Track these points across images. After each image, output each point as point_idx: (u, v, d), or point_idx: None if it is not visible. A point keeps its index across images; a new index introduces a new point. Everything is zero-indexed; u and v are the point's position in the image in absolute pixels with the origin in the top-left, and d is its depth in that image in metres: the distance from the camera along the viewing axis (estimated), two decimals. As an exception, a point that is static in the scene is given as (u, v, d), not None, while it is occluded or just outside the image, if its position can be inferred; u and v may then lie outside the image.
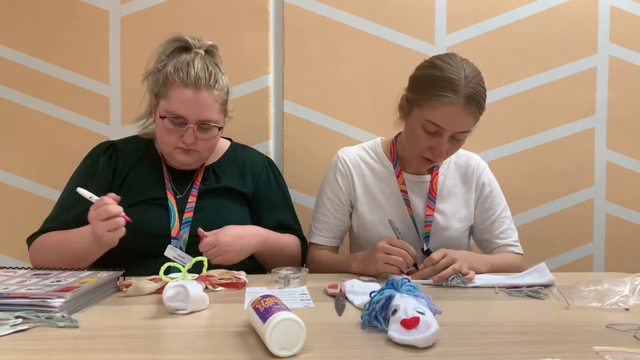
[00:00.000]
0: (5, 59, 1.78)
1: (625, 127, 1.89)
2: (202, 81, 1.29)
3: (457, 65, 1.25)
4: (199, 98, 1.29)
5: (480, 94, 1.25)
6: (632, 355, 0.75)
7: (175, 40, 1.36)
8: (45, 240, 1.29)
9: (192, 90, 1.28)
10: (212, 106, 1.31)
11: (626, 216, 1.91)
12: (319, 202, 1.49)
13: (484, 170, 1.48)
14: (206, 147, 1.35)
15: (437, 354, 0.76)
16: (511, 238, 1.45)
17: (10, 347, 0.79)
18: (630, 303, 0.98)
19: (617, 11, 1.87)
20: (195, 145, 1.31)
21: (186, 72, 1.28)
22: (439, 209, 1.42)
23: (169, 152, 1.35)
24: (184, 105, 1.28)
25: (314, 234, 1.47)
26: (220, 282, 1.12)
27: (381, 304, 0.86)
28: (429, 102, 1.25)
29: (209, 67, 1.32)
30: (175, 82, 1.28)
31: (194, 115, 1.29)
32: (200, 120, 1.30)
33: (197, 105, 1.29)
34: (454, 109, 1.23)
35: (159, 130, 1.33)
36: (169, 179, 1.39)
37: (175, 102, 1.28)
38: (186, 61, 1.31)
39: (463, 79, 1.23)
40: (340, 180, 1.45)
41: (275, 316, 0.75)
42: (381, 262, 1.20)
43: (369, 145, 1.51)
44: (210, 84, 1.30)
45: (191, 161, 1.35)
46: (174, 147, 1.32)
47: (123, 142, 1.46)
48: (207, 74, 1.30)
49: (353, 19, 1.83)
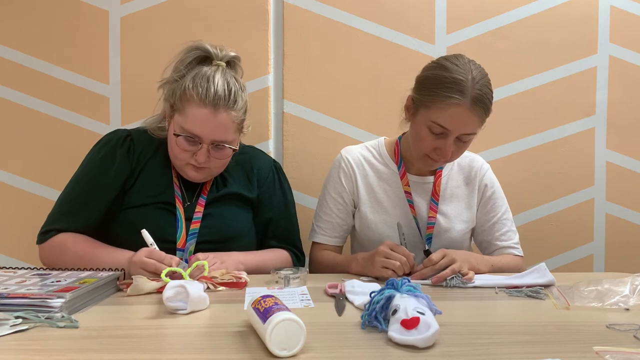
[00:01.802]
0: (5, 59, 1.78)
1: (625, 127, 1.89)
2: (222, 101, 1.23)
3: (465, 66, 1.24)
4: (216, 119, 1.24)
5: (487, 96, 1.24)
6: (632, 355, 0.74)
7: (195, 49, 1.30)
8: (67, 244, 1.26)
9: (209, 109, 1.23)
10: (228, 127, 1.26)
11: (626, 216, 1.91)
12: (322, 201, 1.49)
13: (487, 172, 1.48)
14: (218, 165, 1.31)
15: (437, 354, 0.76)
16: (512, 240, 1.45)
17: (10, 347, 0.79)
18: (630, 303, 0.98)
19: (617, 11, 1.87)
20: (207, 163, 1.28)
21: (205, 88, 1.23)
22: (442, 210, 1.42)
23: (180, 167, 1.31)
24: (200, 125, 1.23)
25: (316, 233, 1.47)
26: (220, 282, 1.12)
27: (381, 304, 0.86)
28: (435, 104, 1.24)
29: (230, 85, 1.26)
30: (194, 98, 1.23)
31: (209, 136, 1.24)
32: (216, 140, 1.26)
33: (214, 126, 1.24)
34: (460, 111, 1.22)
35: (172, 145, 1.29)
36: (178, 185, 1.35)
37: (192, 120, 1.23)
38: (206, 76, 1.25)
39: (470, 80, 1.22)
40: (344, 179, 1.45)
41: (275, 316, 0.75)
42: (379, 265, 1.20)
43: (373, 145, 1.50)
44: (230, 104, 1.25)
45: (201, 178, 1.32)
46: (185, 162, 1.28)
47: (136, 133, 1.39)
48: (226, 92, 1.24)
49: (353, 19, 1.83)
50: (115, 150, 1.33)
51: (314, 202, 1.72)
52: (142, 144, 1.36)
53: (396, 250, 1.21)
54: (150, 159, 1.36)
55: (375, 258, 1.21)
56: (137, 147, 1.35)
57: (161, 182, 1.34)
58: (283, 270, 1.19)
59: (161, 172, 1.35)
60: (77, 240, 1.27)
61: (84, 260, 1.21)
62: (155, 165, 1.36)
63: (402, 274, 1.18)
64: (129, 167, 1.33)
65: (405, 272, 1.19)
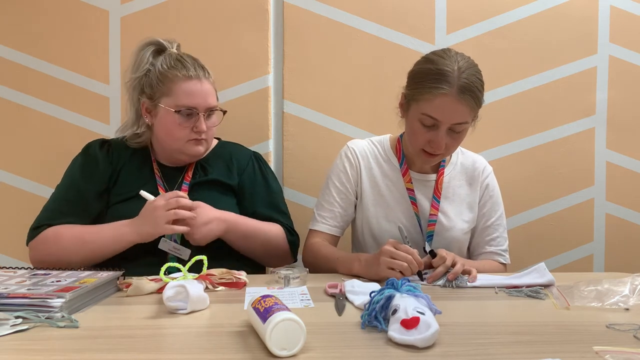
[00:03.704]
0: (5, 59, 1.78)
1: (625, 127, 1.89)
2: (200, 72, 1.37)
3: (451, 58, 1.27)
4: (203, 88, 1.37)
5: (475, 85, 1.25)
6: (632, 355, 0.75)
7: (149, 44, 1.41)
8: (61, 231, 1.30)
9: (195, 81, 1.36)
10: (213, 93, 1.40)
11: (626, 216, 1.91)
12: (325, 190, 1.48)
13: (490, 175, 1.49)
14: (211, 134, 1.42)
15: (437, 354, 0.76)
16: (500, 247, 1.46)
17: (10, 347, 0.79)
18: (630, 303, 0.98)
19: (617, 11, 1.87)
20: (204, 133, 1.37)
21: (183, 66, 1.36)
22: (443, 209, 1.42)
23: (181, 148, 1.39)
24: (194, 96, 1.35)
25: (317, 221, 1.45)
26: (220, 282, 1.12)
27: (381, 304, 0.86)
28: (423, 95, 1.26)
29: (195, 59, 1.40)
30: (177, 77, 1.34)
31: (203, 104, 1.36)
32: (209, 107, 1.37)
33: (204, 94, 1.36)
34: (447, 100, 1.24)
35: (168, 126, 1.37)
36: (159, 175, 1.43)
37: (185, 94, 1.34)
38: (174, 58, 1.37)
39: (456, 70, 1.24)
40: (349, 169, 1.45)
41: (275, 316, 0.75)
42: (384, 266, 1.16)
43: (378, 141, 1.51)
44: (206, 73, 1.39)
45: (202, 150, 1.41)
46: (186, 140, 1.37)
47: (113, 140, 1.48)
48: (199, 64, 1.39)
49: (353, 19, 1.83)
50: (95, 154, 1.42)
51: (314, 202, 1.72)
52: (119, 148, 1.45)
53: (400, 249, 1.17)
54: (129, 160, 1.44)
55: (381, 258, 1.17)
56: (115, 150, 1.44)
57: (142, 176, 1.42)
58: (283, 270, 1.19)
59: (141, 168, 1.43)
60: (71, 227, 1.31)
61: (83, 241, 1.27)
62: (135, 163, 1.44)
63: (409, 274, 1.15)
64: (110, 167, 1.41)
65: (413, 272, 1.16)
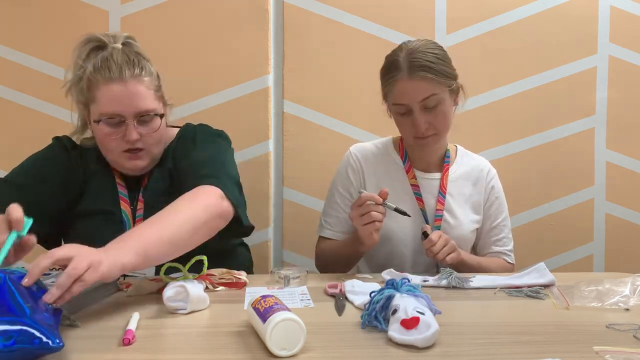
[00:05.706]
0: (5, 59, 1.78)
1: (625, 127, 1.89)
2: (127, 72, 1.17)
3: (402, 47, 1.34)
4: (128, 90, 1.17)
5: (427, 59, 1.30)
6: (632, 355, 0.75)
7: (88, 42, 1.23)
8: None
9: (118, 83, 1.16)
10: (145, 95, 1.19)
11: (626, 216, 1.91)
12: (330, 196, 1.49)
13: (495, 176, 1.51)
14: (152, 141, 1.23)
15: (437, 354, 0.76)
16: (506, 247, 1.48)
17: (10, 347, 0.79)
18: (630, 303, 0.98)
19: (617, 11, 1.87)
20: (141, 142, 1.20)
21: (107, 67, 1.17)
22: (449, 207, 1.42)
23: (116, 160, 1.24)
24: (115, 102, 1.17)
25: (323, 227, 1.47)
26: (220, 282, 1.12)
27: (381, 304, 0.86)
28: (386, 88, 1.36)
29: (131, 57, 1.20)
30: (99, 82, 1.16)
31: (130, 109, 1.18)
32: (138, 112, 1.19)
33: (129, 98, 1.17)
34: (402, 84, 1.31)
35: (99, 138, 1.22)
36: (122, 185, 1.28)
37: (105, 101, 1.17)
38: (104, 57, 1.18)
39: (403, 56, 1.31)
40: (352, 174, 1.46)
41: (275, 316, 0.75)
42: (360, 227, 1.23)
43: (381, 142, 1.52)
44: (137, 72, 1.19)
45: (142, 164, 1.24)
46: (119, 152, 1.21)
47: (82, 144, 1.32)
48: (129, 62, 1.18)
49: (353, 19, 1.83)
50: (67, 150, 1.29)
51: (314, 202, 1.73)
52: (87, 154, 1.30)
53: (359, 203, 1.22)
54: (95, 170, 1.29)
55: (353, 224, 1.25)
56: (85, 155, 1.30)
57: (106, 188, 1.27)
58: (283, 270, 1.19)
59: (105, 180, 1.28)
60: None
61: None
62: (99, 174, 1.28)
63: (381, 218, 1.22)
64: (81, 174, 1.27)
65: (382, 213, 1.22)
